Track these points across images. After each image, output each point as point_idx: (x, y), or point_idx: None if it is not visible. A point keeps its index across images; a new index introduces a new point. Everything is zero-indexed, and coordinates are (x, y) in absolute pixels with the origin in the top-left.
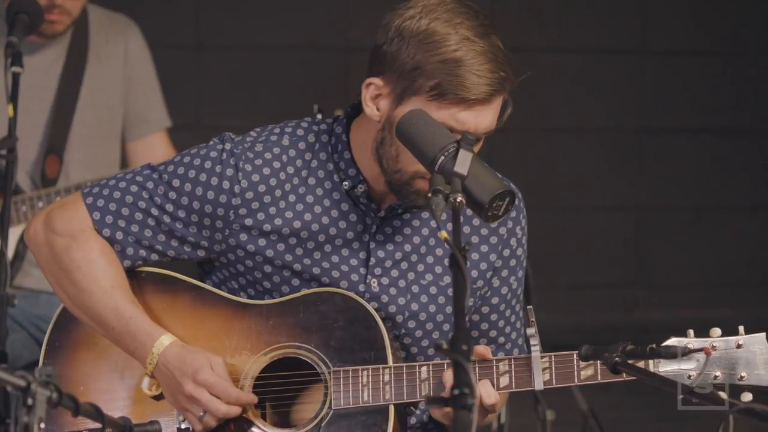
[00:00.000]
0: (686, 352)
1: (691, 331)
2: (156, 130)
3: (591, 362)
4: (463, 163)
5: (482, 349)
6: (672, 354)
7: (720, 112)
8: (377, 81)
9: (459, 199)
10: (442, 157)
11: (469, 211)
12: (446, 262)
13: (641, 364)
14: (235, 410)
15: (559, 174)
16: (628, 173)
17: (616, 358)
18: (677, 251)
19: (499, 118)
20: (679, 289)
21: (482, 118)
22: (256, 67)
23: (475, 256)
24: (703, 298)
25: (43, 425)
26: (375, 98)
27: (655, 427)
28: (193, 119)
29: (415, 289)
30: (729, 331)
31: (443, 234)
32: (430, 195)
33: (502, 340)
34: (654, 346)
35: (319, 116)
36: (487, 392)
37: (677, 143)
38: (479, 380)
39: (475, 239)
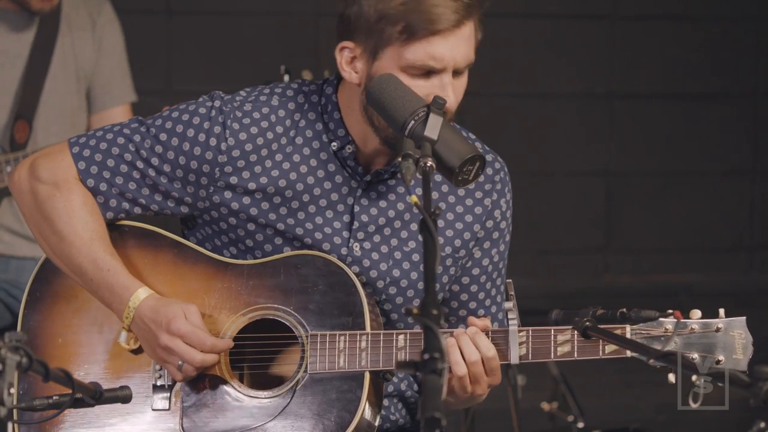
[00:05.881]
0: (656, 317)
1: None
2: (119, 104)
3: (568, 339)
4: (434, 127)
5: (479, 322)
6: (643, 319)
7: (691, 77)
8: (348, 44)
9: (429, 163)
10: (413, 122)
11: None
12: None
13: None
14: (212, 358)
15: (530, 139)
16: (599, 138)
17: (587, 323)
18: (648, 216)
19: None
20: (650, 255)
21: (457, 49)
22: (226, 32)
23: (459, 225)
24: (674, 264)
25: (12, 390)
26: (351, 62)
27: (625, 393)
28: (163, 85)
29: (397, 255)
30: (701, 301)
31: (414, 198)
32: (400, 159)
33: (481, 312)
34: (625, 310)
35: (287, 77)
36: (485, 345)
37: (648, 108)
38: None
39: (459, 209)
